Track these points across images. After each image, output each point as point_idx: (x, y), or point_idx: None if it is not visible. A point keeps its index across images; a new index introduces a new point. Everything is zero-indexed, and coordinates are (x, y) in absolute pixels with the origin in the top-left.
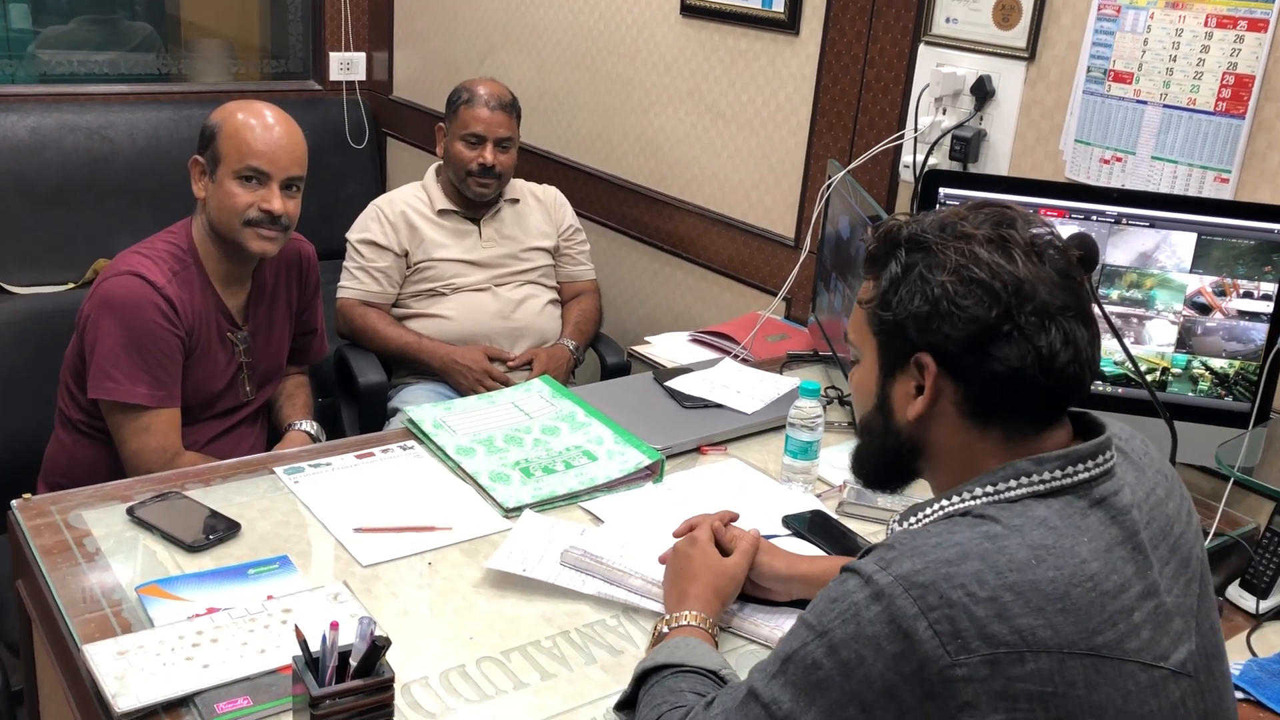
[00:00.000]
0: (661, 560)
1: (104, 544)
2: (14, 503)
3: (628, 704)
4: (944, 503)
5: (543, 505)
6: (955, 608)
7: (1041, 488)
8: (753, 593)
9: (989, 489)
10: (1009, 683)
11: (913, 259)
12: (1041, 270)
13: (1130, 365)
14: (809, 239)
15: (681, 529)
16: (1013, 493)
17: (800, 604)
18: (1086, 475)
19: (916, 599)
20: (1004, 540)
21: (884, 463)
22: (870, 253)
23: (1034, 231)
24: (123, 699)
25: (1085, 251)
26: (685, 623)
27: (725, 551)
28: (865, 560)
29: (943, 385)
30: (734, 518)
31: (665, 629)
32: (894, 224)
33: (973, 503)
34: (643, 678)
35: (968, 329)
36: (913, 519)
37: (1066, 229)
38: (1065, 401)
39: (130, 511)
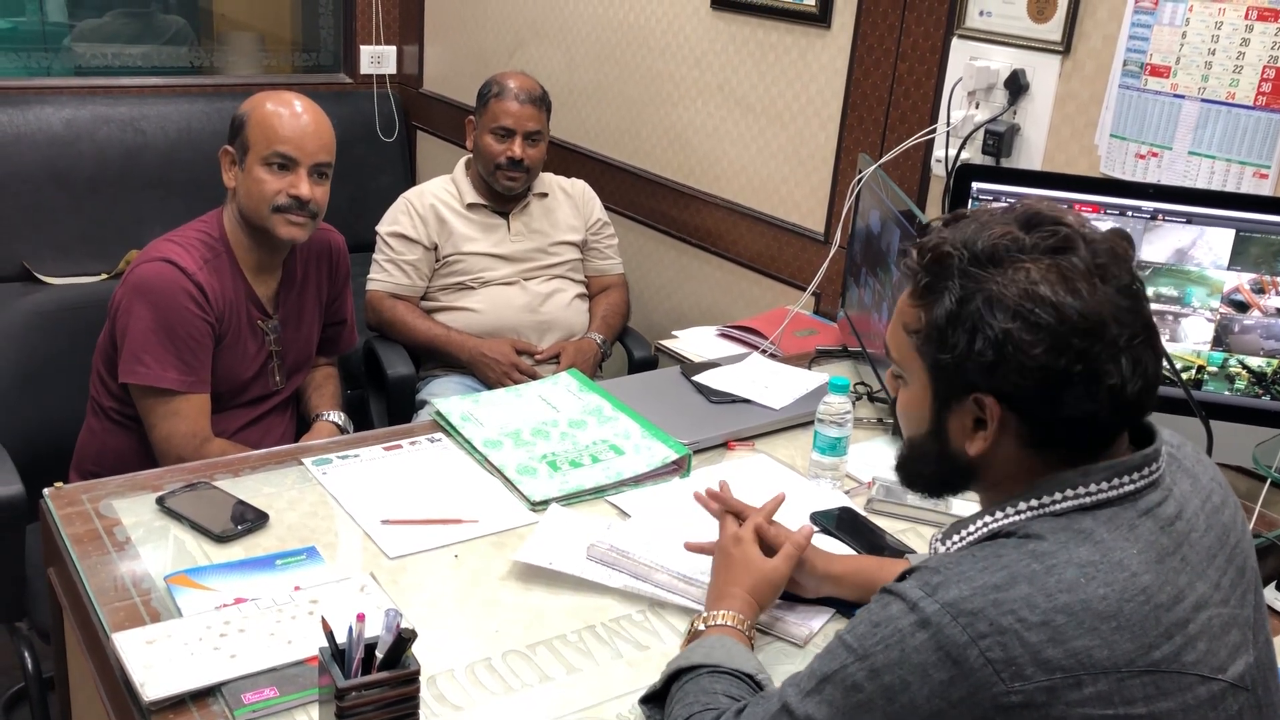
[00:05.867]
0: (689, 549)
1: (134, 533)
2: (46, 491)
3: (654, 698)
4: (988, 519)
5: (569, 499)
6: (1007, 634)
7: (1088, 500)
8: None
9: (1033, 502)
10: (1068, 708)
11: (969, 293)
12: (1107, 295)
13: (1165, 363)
14: (839, 233)
15: (724, 512)
16: (1058, 506)
17: (828, 601)
18: (1133, 487)
19: (966, 626)
20: (1051, 560)
21: (939, 481)
22: (917, 278)
23: (1093, 245)
24: (151, 688)
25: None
26: (721, 622)
27: (770, 550)
28: (908, 584)
29: (1006, 419)
30: (780, 502)
31: (701, 626)
32: (942, 247)
33: (1017, 518)
34: (676, 675)
35: (1035, 378)
36: (956, 537)
37: (1101, 225)
38: (1132, 424)
39: (160, 501)
